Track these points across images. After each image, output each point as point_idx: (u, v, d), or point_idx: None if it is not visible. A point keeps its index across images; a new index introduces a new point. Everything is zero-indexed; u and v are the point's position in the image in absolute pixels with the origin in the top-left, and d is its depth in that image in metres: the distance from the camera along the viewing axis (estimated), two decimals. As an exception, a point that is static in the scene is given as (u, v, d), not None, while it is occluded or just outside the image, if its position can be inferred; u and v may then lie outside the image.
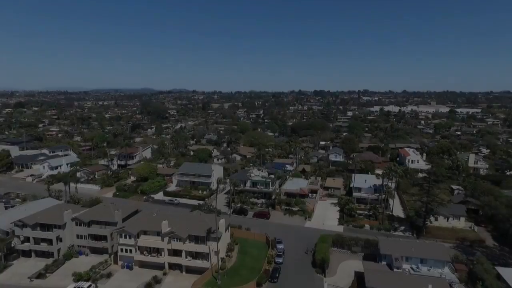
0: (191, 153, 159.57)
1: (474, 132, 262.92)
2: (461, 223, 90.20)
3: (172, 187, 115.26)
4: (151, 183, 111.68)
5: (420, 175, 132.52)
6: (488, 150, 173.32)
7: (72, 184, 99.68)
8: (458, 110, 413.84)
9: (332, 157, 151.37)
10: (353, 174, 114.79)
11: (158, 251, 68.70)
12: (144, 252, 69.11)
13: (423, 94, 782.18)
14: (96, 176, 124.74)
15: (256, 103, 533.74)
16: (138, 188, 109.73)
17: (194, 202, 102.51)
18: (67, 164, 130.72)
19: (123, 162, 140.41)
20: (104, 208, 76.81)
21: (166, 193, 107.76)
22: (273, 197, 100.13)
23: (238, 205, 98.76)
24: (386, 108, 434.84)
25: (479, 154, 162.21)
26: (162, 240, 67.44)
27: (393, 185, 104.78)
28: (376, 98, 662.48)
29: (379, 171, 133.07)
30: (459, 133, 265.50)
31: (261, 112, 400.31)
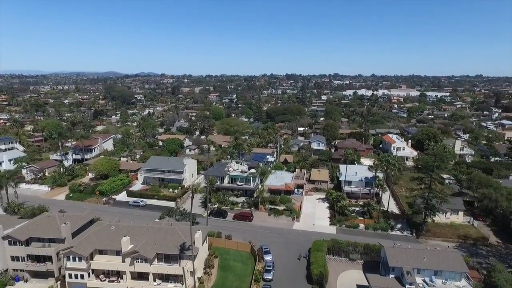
0: (160, 143, 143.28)
1: (446, 116, 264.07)
2: (460, 218, 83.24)
3: (137, 185, 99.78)
4: (112, 182, 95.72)
5: (408, 163, 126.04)
6: (467, 135, 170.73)
7: (12, 187, 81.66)
8: (428, 93, 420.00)
9: (315, 146, 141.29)
10: (343, 166, 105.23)
11: (118, 274, 54.95)
12: (101, 276, 55.10)
13: (391, 78, 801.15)
14: (46, 174, 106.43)
15: (228, 87, 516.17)
16: (96, 188, 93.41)
17: (164, 203, 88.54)
18: (9, 161, 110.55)
19: (79, 157, 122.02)
20: (48, 220, 61.17)
21: (130, 193, 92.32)
22: (256, 194, 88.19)
23: (216, 206, 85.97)
24: (359, 92, 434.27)
25: (459, 139, 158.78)
26: (123, 261, 53.67)
27: (381, 175, 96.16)
28: (347, 82, 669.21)
29: (365, 160, 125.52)
30: (431, 116, 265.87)
31: (234, 96, 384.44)
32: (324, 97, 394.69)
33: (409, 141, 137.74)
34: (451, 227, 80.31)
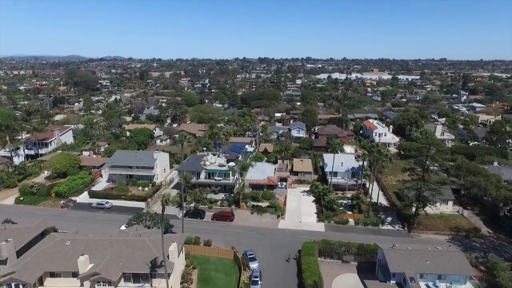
0: (127, 133, 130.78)
1: (418, 99, 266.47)
2: (449, 208, 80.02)
3: (101, 184, 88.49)
4: (72, 181, 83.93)
5: (391, 150, 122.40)
6: (444, 119, 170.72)
7: None
8: (399, 77, 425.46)
9: (295, 133, 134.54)
10: (326, 155, 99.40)
11: (76, 300, 45.69)
12: (54, 303, 45.65)
13: (362, 62, 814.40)
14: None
15: (200, 72, 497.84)
16: (52, 188, 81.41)
17: (133, 203, 78.77)
18: None
19: (32, 152, 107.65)
20: (-15, 236, 50.14)
21: (93, 194, 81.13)
22: (236, 190, 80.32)
23: (192, 205, 77.35)
24: (333, 76, 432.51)
25: (436, 123, 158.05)
26: (82, 285, 44.41)
27: (365, 164, 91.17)
28: (320, 66, 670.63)
29: (347, 148, 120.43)
30: (405, 100, 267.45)
31: (207, 81, 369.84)
32: (298, 81, 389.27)
33: (390, 126, 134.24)
34: (441, 218, 76.81)
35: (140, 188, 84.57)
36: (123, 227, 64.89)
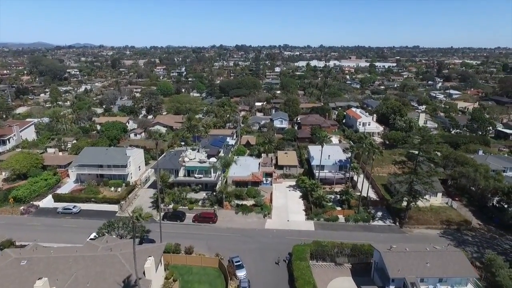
0: (98, 127, 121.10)
1: (396, 86, 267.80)
2: (438, 200, 77.97)
3: (68, 186, 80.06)
4: (33, 183, 74.82)
5: (377, 139, 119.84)
6: (424, 107, 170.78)
7: None
8: (376, 64, 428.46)
9: (277, 124, 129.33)
10: (312, 147, 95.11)
11: (36, 329, 39.05)
12: (9, 334, 38.86)
13: (339, 49, 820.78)
14: None
15: (175, 59, 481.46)
16: (10, 193, 72.35)
17: (104, 207, 71.46)
18: None
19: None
20: None
21: (58, 197, 72.72)
22: (218, 188, 74.62)
23: (171, 206, 71.02)
24: (311, 63, 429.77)
25: (417, 111, 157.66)
26: (41, 313, 37.78)
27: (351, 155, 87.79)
28: (298, 53, 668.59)
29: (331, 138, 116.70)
30: (383, 87, 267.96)
31: (183, 69, 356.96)
32: (277, 69, 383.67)
33: (374, 115, 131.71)
34: (431, 211, 74.62)
35: (112, 188, 77.04)
36: (93, 235, 58.08)
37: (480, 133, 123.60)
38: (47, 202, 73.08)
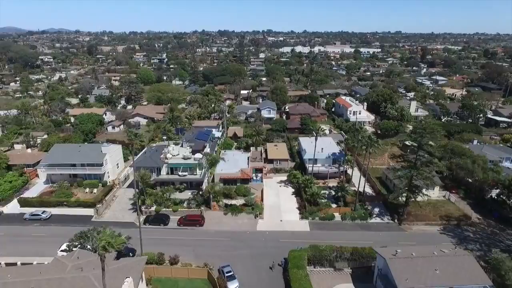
0: (72, 119, 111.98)
1: (382, 72, 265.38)
2: (435, 193, 74.88)
3: (38, 187, 72.18)
4: (-4, 186, 66.97)
5: (368, 129, 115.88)
6: (412, 94, 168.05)
7: None
8: (361, 50, 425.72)
9: (265, 113, 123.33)
10: (303, 139, 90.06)
11: None
12: None
13: (323, 35, 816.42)
14: None
15: (156, 45, 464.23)
16: (-31, 198, 64.32)
17: (79, 211, 64.58)
18: None
19: None
20: None
21: (25, 202, 65.00)
22: (205, 187, 68.81)
23: (153, 209, 64.87)
24: (296, 49, 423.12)
25: (405, 98, 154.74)
26: None
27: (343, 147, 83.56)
28: (281, 39, 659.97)
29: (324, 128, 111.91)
30: (369, 73, 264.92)
31: (164, 56, 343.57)
32: (262, 55, 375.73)
33: (365, 103, 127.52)
34: (429, 205, 71.43)
35: (87, 190, 69.87)
36: (64, 245, 51.32)
37: (471, 120, 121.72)
38: (12, 207, 65.21)
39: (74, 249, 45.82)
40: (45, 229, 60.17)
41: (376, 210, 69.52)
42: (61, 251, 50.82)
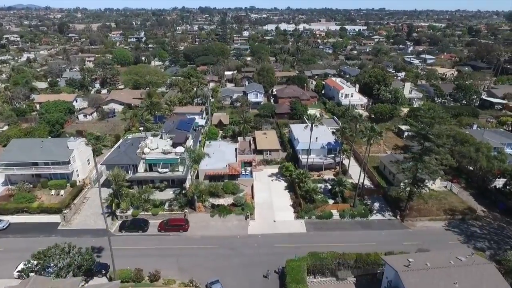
0: (38, 107, 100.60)
1: (368, 50, 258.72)
2: (437, 183, 70.01)
3: (-5, 189, 63.13)
4: None
5: (361, 112, 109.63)
6: (403, 74, 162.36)
7: None
8: (347, 27, 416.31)
9: (252, 97, 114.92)
10: (294, 126, 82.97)
11: None
12: None
13: (307, 12, 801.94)
14: None
15: (134, 23, 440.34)
16: None
17: (42, 218, 56.13)
18: None
19: None
20: None
21: (-22, 209, 56.27)
22: (187, 184, 61.38)
23: (130, 213, 57.10)
24: (281, 27, 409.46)
25: (397, 78, 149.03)
26: None
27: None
28: (265, 16, 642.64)
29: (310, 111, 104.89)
30: (355, 52, 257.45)
31: (142, 34, 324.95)
32: (246, 33, 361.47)
33: (357, 85, 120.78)
34: (431, 198, 66.43)
35: (53, 192, 61.13)
36: (22, 265, 43.31)
37: (465, 102, 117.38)
38: (-37, 215, 56.15)
39: (30, 274, 38.03)
40: (2, 242, 51.57)
41: (376, 205, 64.15)
42: (18, 272, 42.94)
